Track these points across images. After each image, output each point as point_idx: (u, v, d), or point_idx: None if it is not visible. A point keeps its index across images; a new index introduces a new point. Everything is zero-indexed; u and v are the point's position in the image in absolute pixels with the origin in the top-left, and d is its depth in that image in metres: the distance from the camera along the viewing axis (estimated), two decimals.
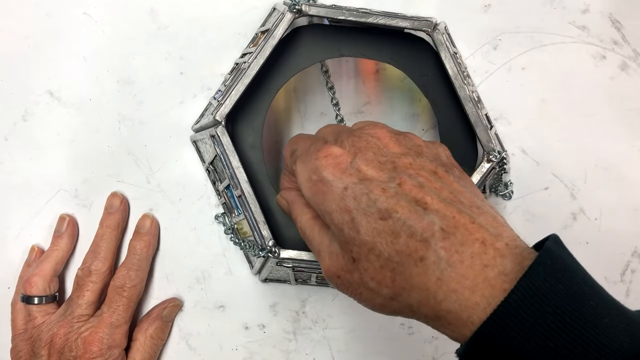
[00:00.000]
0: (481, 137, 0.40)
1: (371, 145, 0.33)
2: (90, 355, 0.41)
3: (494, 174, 0.41)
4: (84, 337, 0.41)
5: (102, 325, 0.42)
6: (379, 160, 0.32)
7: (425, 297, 0.28)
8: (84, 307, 0.43)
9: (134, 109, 0.48)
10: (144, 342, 0.45)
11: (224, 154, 0.40)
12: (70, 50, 0.48)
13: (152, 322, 0.45)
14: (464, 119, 0.42)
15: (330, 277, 0.32)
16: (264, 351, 0.47)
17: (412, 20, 0.42)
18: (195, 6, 0.48)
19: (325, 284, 0.46)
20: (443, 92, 0.43)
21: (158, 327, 0.45)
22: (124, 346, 0.43)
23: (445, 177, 0.31)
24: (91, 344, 0.41)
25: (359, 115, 0.49)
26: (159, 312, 0.46)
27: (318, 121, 0.49)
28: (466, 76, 0.42)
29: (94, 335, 0.41)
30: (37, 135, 0.48)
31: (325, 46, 0.43)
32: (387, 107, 0.49)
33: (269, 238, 0.40)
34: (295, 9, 0.41)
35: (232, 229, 0.45)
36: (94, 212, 0.47)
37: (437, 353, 0.47)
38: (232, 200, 0.43)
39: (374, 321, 0.47)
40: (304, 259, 0.40)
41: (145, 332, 0.45)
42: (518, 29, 0.49)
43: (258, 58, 0.40)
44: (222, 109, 0.40)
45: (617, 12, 0.49)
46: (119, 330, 0.42)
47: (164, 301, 0.47)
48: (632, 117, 0.48)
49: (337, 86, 0.49)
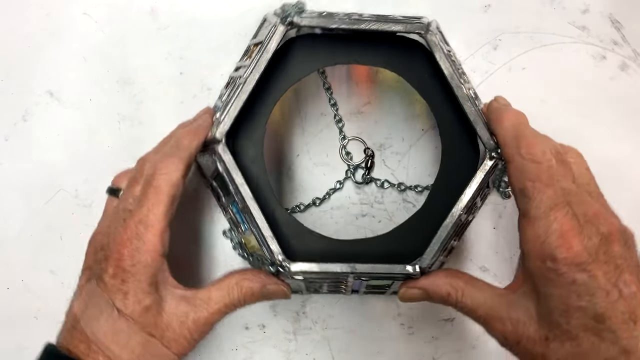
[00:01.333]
0: (482, 135, 0.40)
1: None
2: (117, 257, 0.35)
3: (498, 170, 0.41)
4: (114, 237, 0.36)
5: (130, 224, 0.35)
6: (612, 262, 0.33)
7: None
8: (130, 201, 0.37)
9: (134, 109, 0.48)
10: (232, 288, 0.38)
11: (227, 171, 0.40)
12: (70, 50, 0.48)
13: (253, 282, 0.39)
14: (463, 118, 0.42)
15: (508, 340, 0.35)
16: (264, 351, 0.47)
17: (405, 23, 0.41)
18: (195, 6, 0.48)
19: (336, 291, 0.46)
20: (440, 93, 0.43)
21: (251, 291, 0.38)
22: (160, 252, 0.36)
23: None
24: (121, 245, 0.35)
25: (358, 116, 0.49)
26: (266, 281, 0.39)
27: (318, 121, 0.49)
28: (462, 74, 0.42)
29: (122, 235, 0.35)
30: (37, 135, 0.48)
31: (319, 55, 0.43)
32: (387, 108, 0.49)
33: (278, 253, 0.39)
34: (287, 21, 0.41)
35: (239, 243, 0.45)
36: (94, 212, 0.47)
37: (437, 353, 0.47)
38: (238, 215, 0.42)
39: (374, 321, 0.47)
40: (315, 271, 0.39)
41: (240, 282, 0.38)
42: (518, 29, 0.49)
43: (254, 73, 0.40)
44: (222, 127, 0.40)
45: (617, 13, 0.49)
46: (150, 231, 0.35)
47: (279, 279, 0.40)
48: (632, 117, 0.48)
49: (337, 86, 0.49)
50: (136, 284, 0.35)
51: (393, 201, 0.48)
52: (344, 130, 0.49)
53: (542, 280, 0.33)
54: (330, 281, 0.42)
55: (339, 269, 0.39)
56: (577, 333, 0.32)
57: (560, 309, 0.32)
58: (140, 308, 0.35)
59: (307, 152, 0.49)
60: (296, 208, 0.48)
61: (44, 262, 0.47)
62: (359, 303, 0.47)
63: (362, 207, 0.48)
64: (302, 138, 0.49)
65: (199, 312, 0.37)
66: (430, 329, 0.47)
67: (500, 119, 0.38)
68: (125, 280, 0.34)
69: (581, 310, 0.32)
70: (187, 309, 0.37)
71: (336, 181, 0.48)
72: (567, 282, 0.32)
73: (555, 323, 0.32)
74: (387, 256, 0.40)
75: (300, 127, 0.49)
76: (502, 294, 0.36)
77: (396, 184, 0.48)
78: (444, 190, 0.42)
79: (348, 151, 0.49)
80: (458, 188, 0.40)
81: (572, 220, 0.33)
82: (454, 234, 0.40)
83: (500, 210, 0.48)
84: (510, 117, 0.37)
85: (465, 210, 0.39)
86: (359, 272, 0.39)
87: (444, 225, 0.39)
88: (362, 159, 0.49)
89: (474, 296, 0.37)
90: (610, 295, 0.32)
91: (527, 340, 0.34)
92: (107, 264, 0.35)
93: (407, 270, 0.39)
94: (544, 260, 0.33)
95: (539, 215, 0.33)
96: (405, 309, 0.47)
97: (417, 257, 0.40)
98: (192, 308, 0.37)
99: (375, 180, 0.48)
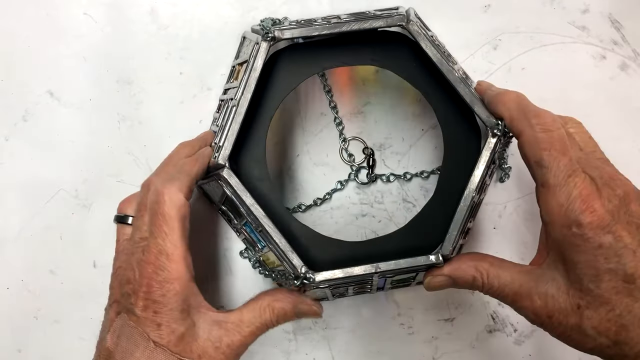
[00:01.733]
0: (480, 114, 0.40)
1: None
2: (146, 290, 0.34)
3: (501, 146, 0.41)
4: (139, 270, 0.35)
5: (150, 257, 0.35)
6: (633, 222, 0.33)
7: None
8: (145, 229, 0.36)
9: (134, 109, 0.48)
10: (264, 309, 0.38)
11: (236, 195, 0.39)
12: (70, 50, 0.48)
13: (284, 302, 0.39)
14: (457, 101, 0.42)
15: (539, 316, 0.35)
16: (264, 351, 0.47)
17: (384, 17, 0.41)
18: (195, 6, 0.48)
19: (362, 292, 0.46)
20: (431, 79, 0.43)
21: (284, 312, 0.39)
22: (187, 277, 0.36)
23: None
24: (148, 278, 0.35)
25: (359, 116, 0.49)
26: (297, 301, 0.39)
27: (318, 121, 0.49)
28: (448, 56, 0.42)
29: (147, 267, 0.35)
30: (38, 135, 0.48)
31: (305, 64, 0.43)
32: (387, 107, 0.49)
33: (300, 266, 0.39)
34: (269, 37, 0.40)
35: (259, 261, 0.45)
36: (94, 212, 0.47)
37: (437, 353, 0.47)
38: (253, 235, 0.42)
39: (374, 321, 0.47)
40: (340, 277, 0.39)
41: (271, 303, 0.38)
42: (518, 29, 0.49)
43: (245, 94, 0.40)
44: (223, 152, 0.39)
45: (617, 12, 0.49)
46: (172, 260, 0.35)
47: (310, 299, 0.40)
48: (631, 117, 0.48)
49: (337, 86, 0.49)
50: (169, 313, 0.34)
51: (393, 201, 0.48)
52: (344, 132, 0.49)
53: (568, 248, 0.33)
54: (355, 284, 0.42)
55: (363, 271, 0.39)
56: (610, 296, 0.32)
57: (590, 274, 0.32)
58: (175, 338, 0.34)
59: (307, 152, 0.49)
60: (297, 208, 0.48)
61: (44, 262, 0.47)
62: (359, 303, 0.47)
63: (362, 207, 0.48)
64: (302, 138, 0.49)
65: (233, 336, 0.37)
66: (430, 329, 0.47)
67: (502, 100, 0.38)
68: (157, 312, 0.34)
69: (611, 272, 0.32)
70: (221, 333, 0.36)
71: (337, 182, 0.48)
72: (594, 246, 0.32)
73: (586, 289, 0.32)
74: (406, 250, 0.40)
75: (300, 127, 0.49)
76: (527, 270, 0.36)
77: (401, 175, 0.48)
78: (452, 175, 0.42)
79: (350, 153, 0.49)
80: (465, 171, 0.40)
81: (591, 185, 0.33)
82: (469, 215, 0.40)
83: (500, 210, 0.48)
84: (511, 96, 0.38)
85: (477, 191, 0.40)
86: (383, 270, 0.39)
87: (459, 209, 0.39)
88: (362, 158, 0.49)
89: (500, 276, 0.37)
90: (637, 254, 0.32)
91: (559, 313, 0.34)
92: (136, 298, 0.34)
93: (431, 261, 0.39)
94: (569, 226, 0.33)
95: (558, 183, 0.34)
96: (405, 309, 0.47)
97: (436, 245, 0.40)
98: (225, 332, 0.37)
99: (380, 176, 0.48)
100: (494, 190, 0.48)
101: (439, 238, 0.40)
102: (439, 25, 0.47)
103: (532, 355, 0.47)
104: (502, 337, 0.47)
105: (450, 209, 0.40)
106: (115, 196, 0.47)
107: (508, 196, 0.48)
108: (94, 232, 0.47)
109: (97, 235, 0.47)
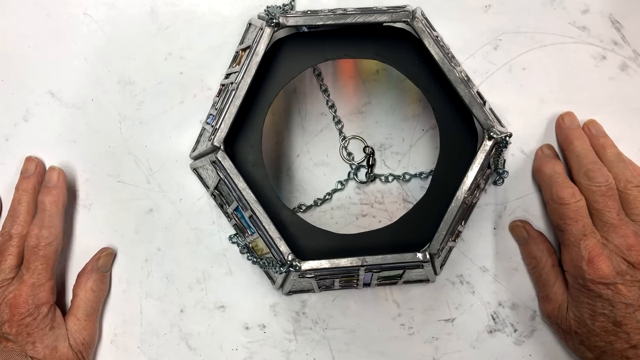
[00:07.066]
0: (478, 116, 0.40)
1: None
2: (19, 317, 0.41)
3: (498, 149, 0.41)
4: (9, 300, 0.42)
5: (24, 287, 0.42)
6: (636, 283, 0.40)
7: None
8: (7, 271, 0.43)
9: (135, 109, 0.48)
10: (85, 296, 0.45)
11: (229, 178, 0.40)
12: (71, 50, 0.48)
13: (90, 276, 0.46)
14: (457, 102, 0.42)
15: (548, 319, 0.46)
16: (264, 351, 0.47)
17: (390, 13, 0.41)
18: (195, 6, 0.48)
19: (348, 286, 0.46)
20: (432, 78, 0.43)
21: (97, 279, 0.46)
22: (52, 302, 0.43)
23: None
24: (17, 306, 0.41)
25: (359, 115, 0.49)
26: (93, 265, 0.46)
27: (318, 121, 0.49)
28: (451, 58, 0.42)
29: (18, 298, 0.42)
30: (38, 135, 0.48)
31: (308, 53, 0.43)
32: (387, 108, 0.49)
33: (287, 253, 0.39)
34: (273, 23, 0.41)
35: (247, 247, 0.45)
36: (94, 212, 0.47)
37: (437, 353, 0.47)
38: (243, 220, 0.42)
39: (374, 321, 0.47)
40: (326, 267, 0.39)
41: (84, 286, 0.45)
42: (518, 29, 0.49)
43: (245, 77, 0.40)
44: (219, 134, 0.40)
45: (617, 13, 0.49)
46: (42, 289, 0.42)
47: (96, 252, 0.47)
48: (631, 117, 0.48)
49: (337, 86, 0.49)
50: (40, 332, 0.42)
51: (393, 201, 0.48)
52: (343, 131, 0.49)
53: (577, 291, 0.42)
54: (341, 277, 0.42)
55: (349, 263, 0.39)
56: (600, 332, 0.41)
57: (589, 313, 0.42)
58: (49, 350, 0.42)
59: (307, 151, 0.49)
60: (298, 209, 0.48)
61: None
62: (359, 303, 0.47)
63: (362, 207, 0.48)
64: (302, 138, 0.49)
65: (82, 334, 0.45)
66: (430, 329, 0.47)
67: (541, 168, 0.46)
68: (30, 334, 0.42)
69: (604, 315, 0.41)
70: (67, 337, 0.44)
71: (337, 181, 0.48)
72: (595, 295, 0.41)
73: (584, 323, 0.42)
74: (395, 246, 0.41)
75: (300, 127, 0.49)
76: (564, 290, 0.45)
77: (400, 175, 0.48)
78: (446, 175, 0.42)
79: (350, 152, 0.49)
80: (460, 172, 0.40)
81: (601, 248, 0.41)
82: (460, 217, 0.40)
83: (500, 210, 0.48)
84: (548, 166, 0.45)
85: (470, 193, 0.39)
86: (369, 264, 0.39)
87: (450, 210, 0.39)
88: (362, 157, 0.49)
89: (548, 271, 0.45)
90: (629, 307, 0.40)
91: (563, 325, 0.44)
92: (10, 325, 0.41)
93: (418, 258, 0.39)
94: (576, 278, 0.42)
95: (571, 244, 0.42)
96: (405, 309, 0.47)
97: (425, 244, 0.40)
98: (69, 334, 0.44)
99: (379, 176, 0.48)
100: (494, 191, 0.48)
101: (428, 237, 0.40)
102: (439, 26, 0.48)
103: (532, 356, 0.47)
104: (502, 337, 0.47)
105: (441, 209, 0.40)
106: (116, 196, 0.48)
107: (508, 197, 0.48)
108: (95, 233, 0.47)
109: (97, 235, 0.47)
